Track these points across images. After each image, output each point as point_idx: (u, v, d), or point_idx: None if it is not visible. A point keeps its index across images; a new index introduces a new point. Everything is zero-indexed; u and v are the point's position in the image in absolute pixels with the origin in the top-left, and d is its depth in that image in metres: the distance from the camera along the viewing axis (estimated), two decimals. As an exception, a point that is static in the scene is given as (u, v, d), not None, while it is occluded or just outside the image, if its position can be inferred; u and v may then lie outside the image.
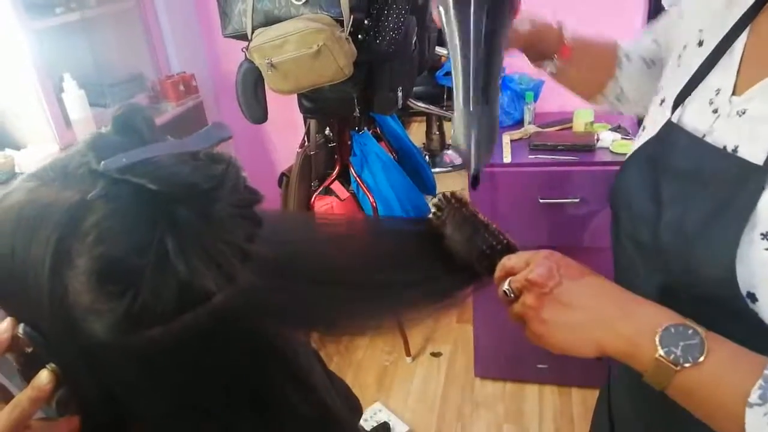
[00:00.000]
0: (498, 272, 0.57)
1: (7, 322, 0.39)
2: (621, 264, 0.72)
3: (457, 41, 0.63)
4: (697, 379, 0.47)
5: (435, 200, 0.62)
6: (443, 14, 0.65)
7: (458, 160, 2.02)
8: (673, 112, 0.65)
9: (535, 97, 1.87)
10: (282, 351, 0.45)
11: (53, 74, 1.62)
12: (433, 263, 0.59)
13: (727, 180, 0.55)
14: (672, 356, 0.47)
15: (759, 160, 0.53)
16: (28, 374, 0.39)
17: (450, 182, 2.11)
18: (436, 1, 0.66)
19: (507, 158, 1.67)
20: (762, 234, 0.51)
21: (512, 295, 0.55)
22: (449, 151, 3.14)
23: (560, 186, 1.61)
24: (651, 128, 0.68)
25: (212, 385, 0.40)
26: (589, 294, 0.53)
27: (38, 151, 1.58)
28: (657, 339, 0.48)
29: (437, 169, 2.96)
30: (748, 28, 0.59)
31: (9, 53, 1.52)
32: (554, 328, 0.53)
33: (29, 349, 0.38)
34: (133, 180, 0.35)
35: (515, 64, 1.93)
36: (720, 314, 0.52)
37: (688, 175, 0.60)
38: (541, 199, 1.62)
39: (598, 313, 0.52)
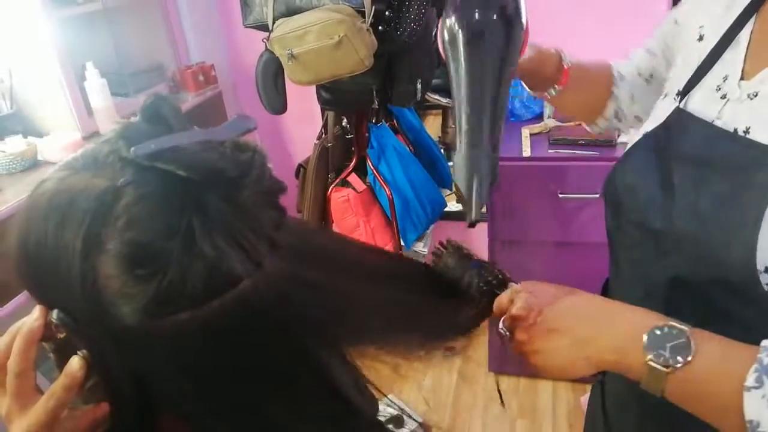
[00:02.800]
0: (494, 313, 0.60)
1: (38, 309, 0.40)
2: (623, 254, 0.72)
3: (464, 82, 0.60)
4: (692, 377, 0.47)
5: (434, 248, 0.64)
6: (449, 51, 0.61)
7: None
8: (680, 102, 0.65)
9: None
10: (304, 340, 0.45)
11: (76, 63, 1.64)
12: (436, 298, 0.60)
13: (740, 163, 0.55)
14: (662, 359, 0.47)
15: None
16: (61, 361, 0.40)
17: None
18: (440, 37, 0.62)
19: (526, 152, 1.66)
20: None
21: (508, 334, 0.58)
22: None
23: (580, 181, 1.59)
24: (654, 120, 0.69)
25: (238, 372, 0.40)
26: (568, 315, 0.54)
27: (60, 139, 1.59)
28: (643, 344, 0.48)
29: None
30: (753, 18, 0.60)
31: (32, 42, 1.54)
32: (547, 356, 0.55)
33: (61, 335, 0.39)
34: (161, 166, 0.35)
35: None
36: (733, 299, 0.53)
37: (700, 160, 0.59)
38: (561, 194, 1.61)
39: (580, 333, 0.53)
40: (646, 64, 0.82)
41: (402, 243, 2.00)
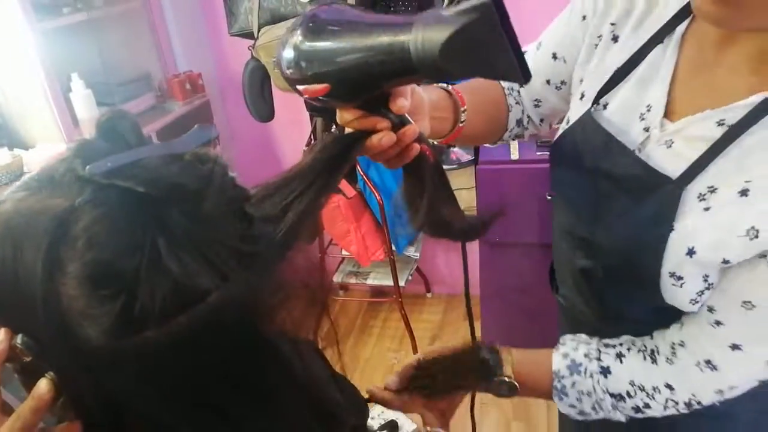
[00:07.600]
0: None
1: (2, 332, 0.39)
2: (557, 245, 0.80)
3: None
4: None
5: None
6: None
7: (465, 158, 2.01)
8: (593, 105, 0.68)
9: (542, 94, 1.86)
10: (278, 348, 0.44)
11: (61, 74, 1.63)
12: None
13: (643, 187, 0.61)
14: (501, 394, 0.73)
15: (674, 174, 0.58)
16: (28, 383, 0.39)
17: (457, 180, 2.12)
18: None
19: (514, 155, 1.67)
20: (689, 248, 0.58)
21: None
22: (455, 149, 3.13)
23: (568, 182, 1.60)
24: (570, 121, 0.73)
25: (210, 385, 0.40)
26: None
27: (46, 150, 1.58)
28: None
29: (444, 167, 2.97)
30: (675, 43, 0.61)
31: (17, 53, 1.53)
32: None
33: (27, 359, 0.38)
34: (119, 183, 0.35)
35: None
36: (629, 285, 0.67)
37: (615, 177, 0.65)
38: (549, 195, 1.61)
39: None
40: (556, 72, 0.77)
41: (393, 248, 2.00)
